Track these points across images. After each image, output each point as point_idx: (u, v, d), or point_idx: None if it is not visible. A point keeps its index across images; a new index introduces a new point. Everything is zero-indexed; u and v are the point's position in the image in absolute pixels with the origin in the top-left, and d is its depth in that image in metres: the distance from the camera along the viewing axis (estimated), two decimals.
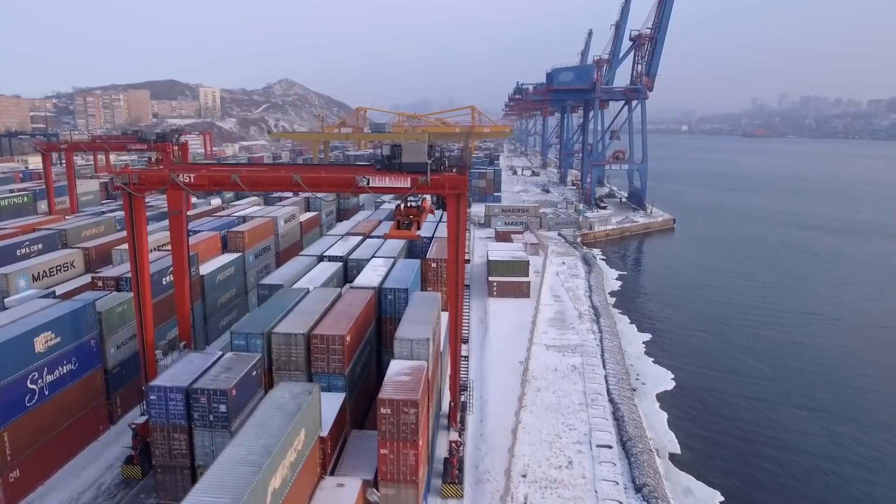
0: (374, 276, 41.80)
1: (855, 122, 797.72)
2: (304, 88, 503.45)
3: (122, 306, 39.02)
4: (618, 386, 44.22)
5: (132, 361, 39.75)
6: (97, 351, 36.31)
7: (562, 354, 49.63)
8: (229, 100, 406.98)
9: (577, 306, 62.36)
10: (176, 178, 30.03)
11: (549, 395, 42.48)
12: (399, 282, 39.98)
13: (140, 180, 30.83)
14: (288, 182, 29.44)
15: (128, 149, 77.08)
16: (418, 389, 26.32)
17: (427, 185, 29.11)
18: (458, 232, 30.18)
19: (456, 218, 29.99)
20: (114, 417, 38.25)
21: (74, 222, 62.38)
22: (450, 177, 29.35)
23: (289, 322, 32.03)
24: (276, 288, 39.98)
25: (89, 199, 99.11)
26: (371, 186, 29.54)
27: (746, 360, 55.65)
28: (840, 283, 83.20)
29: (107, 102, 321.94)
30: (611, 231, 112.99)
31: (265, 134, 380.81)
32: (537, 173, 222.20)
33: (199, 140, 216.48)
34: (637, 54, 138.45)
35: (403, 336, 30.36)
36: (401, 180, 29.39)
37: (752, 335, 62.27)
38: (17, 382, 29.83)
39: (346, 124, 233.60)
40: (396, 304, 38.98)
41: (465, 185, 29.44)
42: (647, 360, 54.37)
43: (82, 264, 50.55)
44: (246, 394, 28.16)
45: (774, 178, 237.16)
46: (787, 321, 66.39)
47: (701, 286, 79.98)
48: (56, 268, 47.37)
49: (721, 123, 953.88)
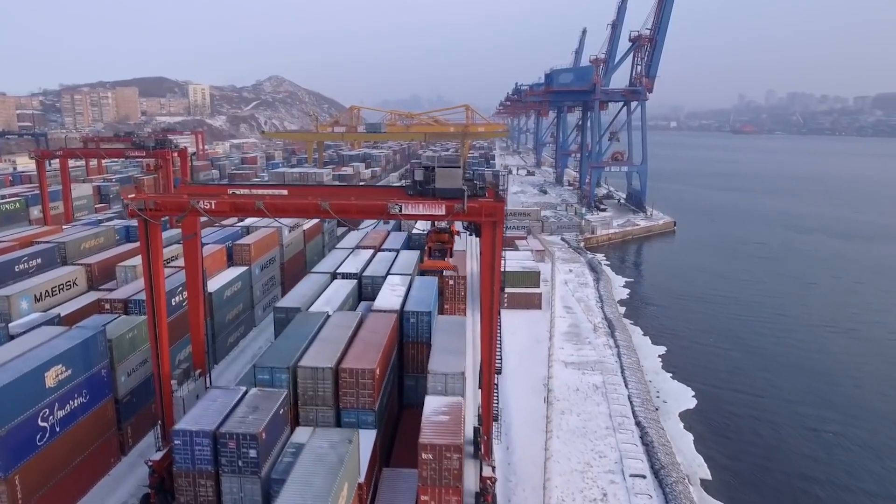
0: (393, 297, 40.38)
1: (841, 118, 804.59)
2: (294, 85, 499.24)
3: (133, 331, 37.42)
4: (643, 407, 43.14)
5: (143, 388, 38.21)
6: (108, 380, 34.69)
7: (581, 372, 48.48)
8: (219, 97, 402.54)
9: (591, 318, 61.25)
10: (196, 204, 28.39)
11: (574, 419, 41.31)
12: (421, 304, 38.60)
13: (157, 206, 29.16)
14: (315, 209, 27.90)
15: (126, 155, 74.92)
16: (460, 432, 25.02)
17: (464, 213, 27.73)
18: (493, 260, 28.80)
19: (492, 246, 28.60)
20: (125, 448, 36.65)
21: (73, 234, 60.26)
22: (486, 203, 27.96)
23: (314, 354, 30.56)
24: (292, 311, 38.48)
25: (83, 203, 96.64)
26: (404, 214, 28.08)
27: (764, 375, 54.82)
28: (849, 290, 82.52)
29: (95, 100, 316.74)
30: (613, 235, 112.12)
31: (255, 132, 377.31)
32: (532, 173, 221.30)
33: (191, 139, 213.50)
34: (636, 55, 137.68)
35: (437, 370, 29.02)
36: (435, 207, 27.94)
37: (768, 348, 61.47)
38: (27, 421, 28.21)
39: (340, 123, 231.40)
40: (419, 327, 37.67)
41: (503, 212, 28.07)
42: (666, 375, 53.40)
43: (85, 282, 48.67)
44: (274, 434, 26.69)
45: (769, 178, 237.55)
46: (802, 333, 65.56)
47: (710, 295, 78.98)
48: (58, 287, 45.49)
49: (709, 120, 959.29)
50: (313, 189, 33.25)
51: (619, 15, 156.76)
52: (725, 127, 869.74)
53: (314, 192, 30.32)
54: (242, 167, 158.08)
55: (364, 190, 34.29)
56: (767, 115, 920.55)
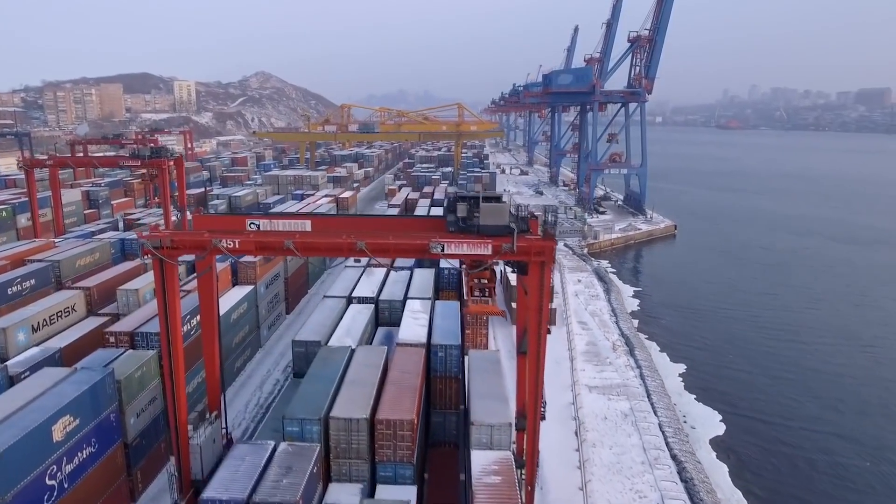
0: (417, 326, 38.23)
1: (825, 114, 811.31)
2: (281, 81, 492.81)
3: (141, 369, 34.93)
4: (676, 438, 41.40)
5: (152, 429, 35.81)
6: (117, 424, 32.20)
7: (607, 398, 46.63)
8: (204, 93, 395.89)
9: (608, 336, 59.47)
10: (218, 244, 25.99)
11: (606, 452, 39.44)
12: (448, 335, 36.48)
13: (174, 244, 26.69)
14: (350, 248, 25.65)
15: (120, 165, 71.66)
16: (516, 496, 22.95)
17: (512, 253, 25.62)
18: (541, 302, 26.75)
19: (539, 287, 26.55)
20: (135, 495, 34.23)
21: (67, 251, 57.30)
22: (536, 242, 25.87)
23: (345, 401, 28.34)
24: (313, 345, 36.17)
25: (72, 209, 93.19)
26: (446, 253, 25.93)
27: (787, 394, 53.38)
28: (861, 301, 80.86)
29: (78, 97, 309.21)
30: (615, 240, 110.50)
31: (242, 128, 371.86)
32: (526, 172, 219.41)
33: (179, 139, 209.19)
34: (635, 56, 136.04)
35: (482, 420, 26.95)
36: (480, 246, 25.81)
37: (787, 364, 60.03)
38: (35, 482, 25.75)
39: (331, 122, 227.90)
40: (447, 361, 35.56)
41: (553, 252, 26.00)
42: (689, 397, 51.74)
43: (84, 306, 46.00)
44: (309, 494, 24.54)
45: (761, 177, 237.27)
46: (821, 350, 63.85)
47: (721, 307, 77.18)
48: (56, 314, 42.78)
49: (695, 115, 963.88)
50: (342, 222, 30.87)
51: (615, 14, 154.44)
52: (711, 122, 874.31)
53: (343, 226, 27.95)
54: (234, 169, 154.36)
55: (399, 222, 31.94)
56: (752, 111, 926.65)
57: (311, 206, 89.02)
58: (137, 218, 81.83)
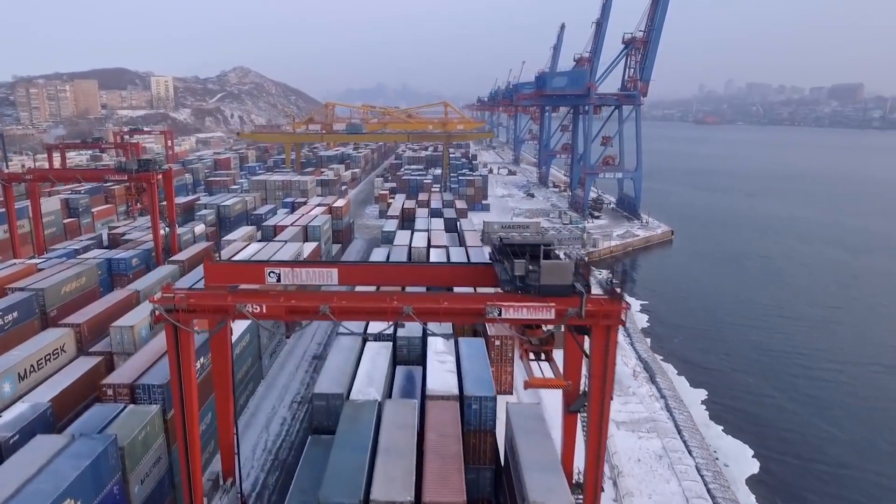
0: (445, 373, 35.32)
1: (800, 109, 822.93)
2: (260, 76, 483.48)
3: (145, 429, 31.47)
4: (716, 482, 39.10)
5: (157, 494, 32.40)
6: (121, 496, 28.81)
7: (637, 436, 44.22)
8: (182, 89, 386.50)
9: (626, 360, 57.08)
10: (243, 309, 22.79)
11: (645, 502, 36.99)
12: (481, 385, 33.62)
13: (190, 308, 23.41)
14: (395, 314, 22.65)
15: (105, 180, 67.44)
16: None
17: (580, 318, 22.83)
18: (605, 369, 24.05)
19: (604, 353, 23.84)
20: None
21: (50, 276, 53.33)
22: (605, 306, 23.13)
23: (385, 479, 25.29)
24: (335, 398, 33.01)
25: (51, 219, 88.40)
26: (504, 318, 23.06)
27: (817, 421, 51.57)
28: (880, 317, 79.26)
29: (52, 93, 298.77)
30: (614, 248, 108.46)
31: (222, 125, 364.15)
32: (514, 172, 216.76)
33: (159, 139, 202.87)
34: (629, 58, 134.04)
35: (538, 500, 24.11)
36: (542, 311, 22.98)
37: (809, 383, 58.38)
38: None
39: (315, 120, 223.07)
40: (483, 414, 32.79)
41: (620, 316, 23.29)
42: (717, 428, 49.61)
43: (73, 345, 42.36)
44: None
45: (746, 176, 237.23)
46: (844, 370, 62.05)
47: (732, 323, 74.82)
48: (44, 358, 39.10)
49: (672, 109, 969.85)
50: (371, 270, 27.82)
51: (604, 13, 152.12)
52: (688, 117, 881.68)
53: (374, 277, 25.01)
54: (218, 173, 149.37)
55: (436, 271, 28.96)
56: (728, 106, 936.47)
57: (305, 217, 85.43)
58: (122, 233, 77.45)
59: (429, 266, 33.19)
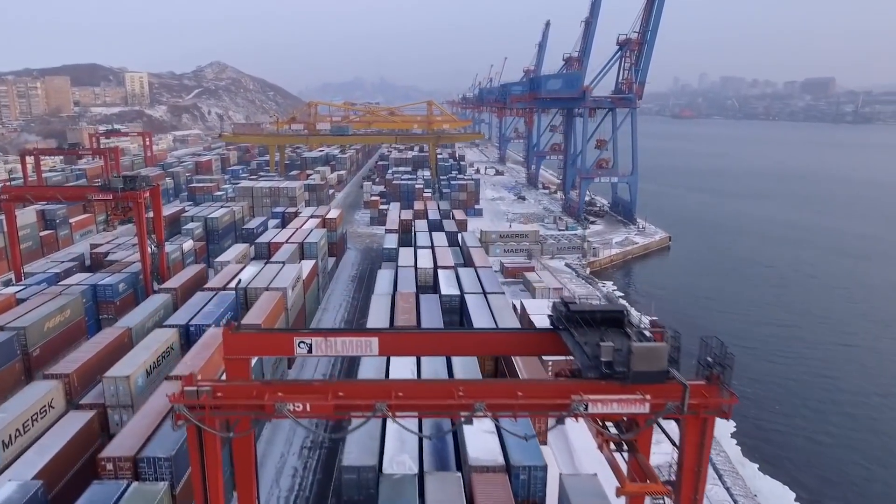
0: (485, 434, 32.01)
1: (774, 103, 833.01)
2: (237, 71, 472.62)
3: None
4: None
5: None
6: None
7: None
8: (158, 85, 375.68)
9: None
10: (284, 409, 19.15)
11: None
12: (529, 452, 30.40)
13: (216, 404, 19.67)
14: (466, 409, 19.29)
15: (87, 198, 62.69)
16: None
17: (681, 413, 19.74)
18: (699, 464, 21.02)
19: (699, 446, 20.83)
20: None
21: (32, 311, 48.94)
22: (708, 398, 20.06)
23: None
24: (366, 471, 29.51)
25: (26, 232, 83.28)
26: (590, 413, 19.86)
27: (853, 456, 49.44)
28: (885, 331, 77.70)
29: (22, 91, 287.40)
30: (615, 256, 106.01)
31: (199, 122, 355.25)
32: (501, 172, 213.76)
33: (137, 140, 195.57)
34: (623, 60, 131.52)
35: None
36: (635, 403, 19.82)
37: (838, 410, 56.29)
38: None
39: (297, 119, 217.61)
40: (531, 485, 29.64)
41: (724, 408, 20.24)
42: (752, 467, 47.09)
43: (62, 398, 38.21)
44: None
45: (733, 175, 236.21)
46: (870, 393, 60.28)
47: (746, 344, 71.49)
48: (31, 419, 34.97)
49: (649, 103, 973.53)
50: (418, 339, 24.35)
51: (594, 11, 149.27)
52: (665, 111, 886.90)
53: (421, 346, 21.58)
54: (201, 178, 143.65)
55: (498, 338, 25.59)
56: (703, 100, 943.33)
57: (299, 232, 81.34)
58: (105, 252, 72.79)
59: (483, 333, 29.70)
